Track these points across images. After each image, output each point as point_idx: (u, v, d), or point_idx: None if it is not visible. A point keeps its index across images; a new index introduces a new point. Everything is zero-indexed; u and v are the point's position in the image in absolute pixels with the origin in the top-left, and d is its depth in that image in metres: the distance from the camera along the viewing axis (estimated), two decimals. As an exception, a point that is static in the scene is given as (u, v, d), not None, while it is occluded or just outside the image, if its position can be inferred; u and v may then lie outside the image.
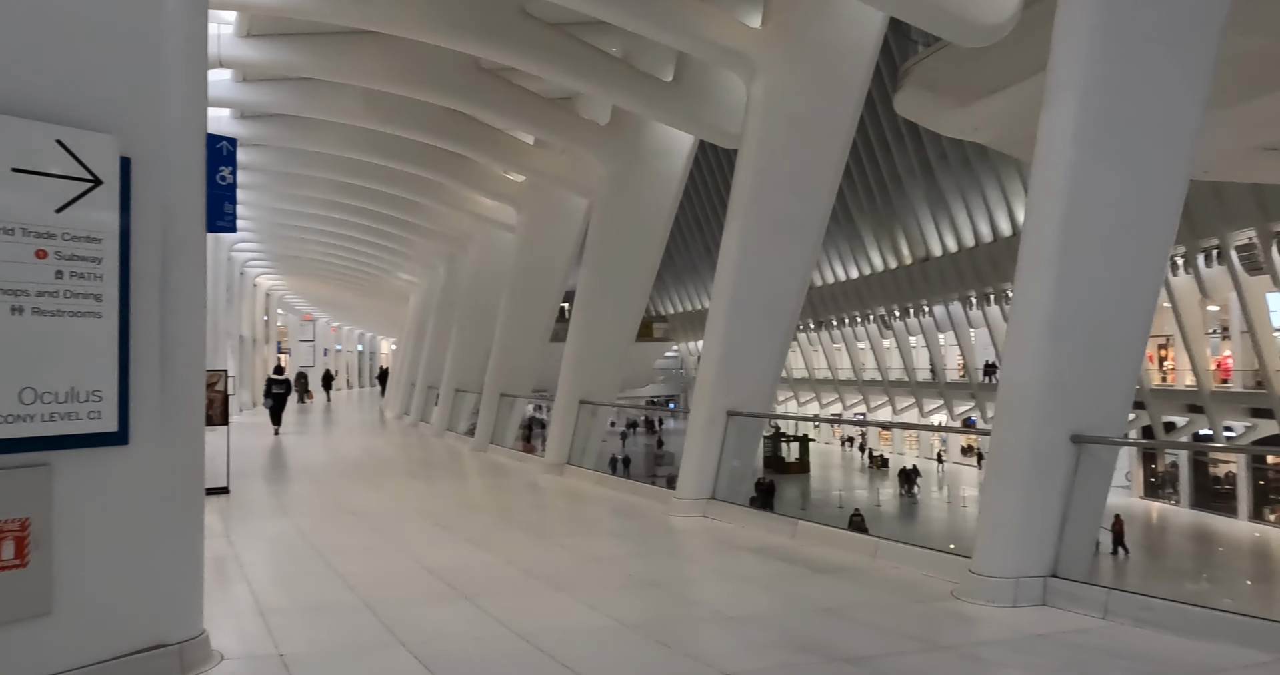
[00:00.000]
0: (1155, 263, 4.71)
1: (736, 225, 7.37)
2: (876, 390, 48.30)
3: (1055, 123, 4.65)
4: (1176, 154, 4.65)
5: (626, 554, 5.87)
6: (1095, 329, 4.50)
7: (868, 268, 44.95)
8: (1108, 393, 4.55)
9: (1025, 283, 4.61)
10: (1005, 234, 34.54)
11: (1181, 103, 4.60)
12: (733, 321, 7.30)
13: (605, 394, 11.06)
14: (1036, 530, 4.37)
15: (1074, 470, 4.38)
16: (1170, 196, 4.67)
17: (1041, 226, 4.61)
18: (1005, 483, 4.53)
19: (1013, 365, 4.58)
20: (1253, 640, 3.59)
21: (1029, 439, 4.44)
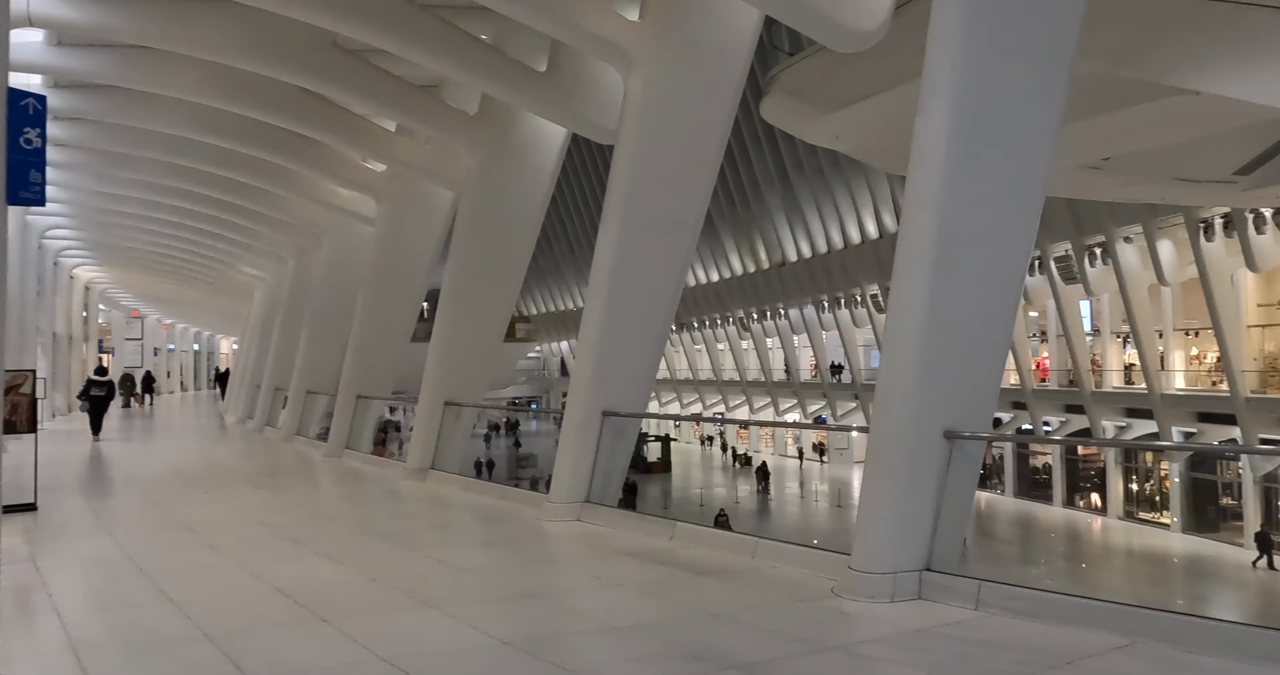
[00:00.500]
0: (1018, 266, 4.93)
1: (613, 223, 7.21)
2: (735, 390, 49.71)
3: (929, 130, 4.77)
4: (1037, 164, 4.87)
5: (500, 563, 5.56)
6: (966, 329, 4.64)
7: (728, 271, 46.19)
8: (976, 390, 4.71)
9: (902, 284, 4.70)
10: (855, 241, 36.40)
11: (1041, 116, 4.82)
12: (609, 321, 7.12)
13: (471, 395, 10.62)
14: (913, 525, 4.45)
15: (946, 465, 4.50)
16: (1031, 203, 4.89)
17: (917, 230, 4.71)
18: (883, 479, 4.59)
19: (891, 364, 4.66)
20: (1111, 624, 3.77)
21: (906, 436, 4.51)
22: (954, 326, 4.58)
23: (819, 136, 12.53)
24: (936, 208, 4.59)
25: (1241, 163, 13.03)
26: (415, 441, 9.76)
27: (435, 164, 11.36)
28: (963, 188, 4.62)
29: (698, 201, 7.51)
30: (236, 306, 33.07)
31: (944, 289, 4.53)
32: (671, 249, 7.43)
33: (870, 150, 12.40)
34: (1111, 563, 26.99)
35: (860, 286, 36.66)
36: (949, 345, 4.55)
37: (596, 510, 6.67)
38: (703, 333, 50.54)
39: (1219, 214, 22.48)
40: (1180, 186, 13.62)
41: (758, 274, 43.67)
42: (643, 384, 7.31)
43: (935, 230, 4.58)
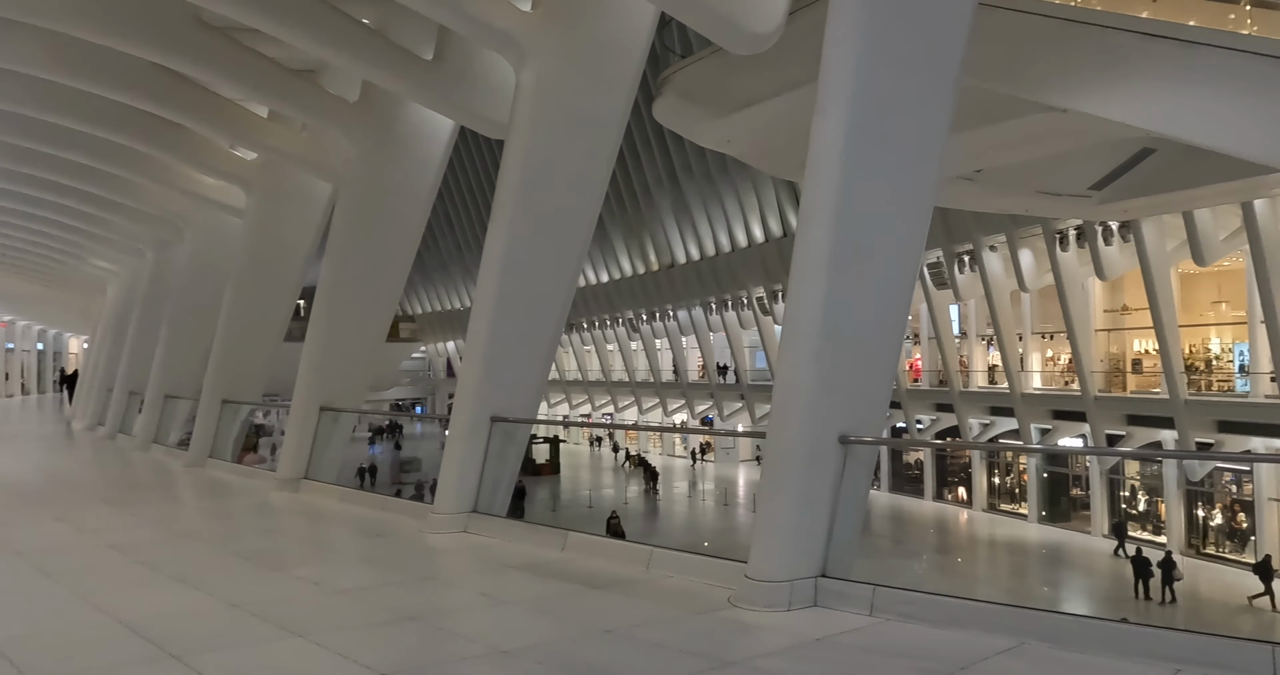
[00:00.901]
0: (910, 270, 4.99)
1: (503, 220, 6.92)
2: (624, 391, 49.85)
3: (826, 134, 4.75)
4: (928, 169, 4.95)
5: (378, 583, 5.17)
6: (861, 333, 4.65)
7: (618, 272, 46.24)
8: (870, 395, 4.73)
9: (799, 288, 4.66)
10: (742, 245, 37.15)
11: (932, 122, 4.90)
12: (498, 322, 6.82)
13: (351, 399, 10.03)
14: (809, 531, 4.41)
15: (842, 471, 4.49)
16: (923, 208, 4.96)
17: (814, 234, 4.69)
18: (780, 485, 4.54)
19: (788, 369, 4.60)
20: (1000, 626, 3.83)
21: (803, 440, 4.47)
22: (850, 331, 4.58)
23: (711, 139, 12.61)
24: (833, 211, 4.58)
25: (1096, 178, 14.01)
26: (287, 449, 9.11)
27: (311, 153, 10.68)
28: (858, 192, 4.63)
29: (591, 200, 7.33)
30: (87, 303, 30.43)
31: (840, 293, 4.53)
32: (564, 248, 7.21)
33: (761, 155, 12.58)
34: (977, 553, 28.60)
35: (747, 289, 37.46)
36: (845, 349, 4.55)
37: (484, 521, 6.36)
38: (592, 334, 50.41)
39: (1073, 226, 24.19)
40: (1042, 199, 14.50)
41: (647, 275, 43.93)
42: (534, 388, 7.06)
43: (832, 234, 4.57)
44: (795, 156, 12.58)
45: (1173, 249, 22.46)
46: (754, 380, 40.72)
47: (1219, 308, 26.55)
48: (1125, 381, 27.36)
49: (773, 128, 11.07)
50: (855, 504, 4.54)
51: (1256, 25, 6.10)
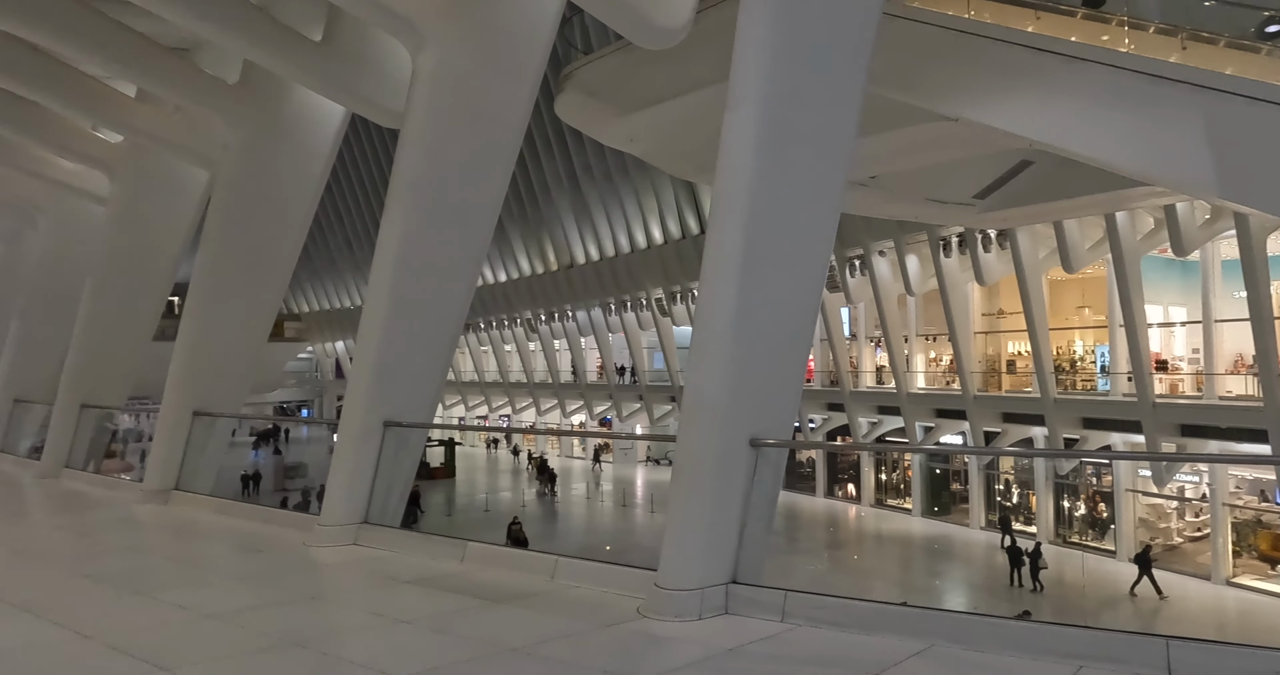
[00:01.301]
0: (819, 271, 4.97)
1: (398, 213, 6.54)
2: (522, 392, 49.19)
3: (738, 132, 4.67)
4: (838, 169, 4.95)
5: (258, 605, 4.74)
6: (771, 333, 4.59)
7: (516, 272, 45.58)
8: (780, 396, 4.67)
9: (711, 288, 4.55)
10: (641, 246, 37.27)
11: (842, 122, 4.90)
12: (392, 322, 6.44)
13: (228, 403, 9.33)
14: (720, 536, 4.31)
15: (753, 474, 4.41)
16: (832, 208, 4.96)
17: (725, 231, 4.59)
18: (691, 490, 4.41)
19: (699, 371, 4.49)
20: (909, 629, 3.82)
21: (714, 444, 4.37)
22: (760, 331, 4.51)
23: (614, 137, 12.47)
24: (746, 208, 4.50)
25: (979, 188, 14.68)
26: (155, 457, 8.36)
27: (185, 137, 9.89)
28: (771, 189, 4.57)
29: (491, 195, 7.05)
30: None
31: (752, 293, 4.45)
32: (463, 245, 6.89)
33: (664, 155, 12.54)
34: (866, 548, 29.62)
35: (646, 290, 37.60)
36: (756, 350, 4.47)
37: (376, 532, 5.98)
38: (489, 334, 49.52)
39: (955, 234, 25.40)
40: (930, 206, 15.08)
41: (546, 275, 43.48)
42: (430, 391, 6.71)
43: (744, 232, 4.48)
44: (699, 157, 12.63)
45: (1044, 257, 23.88)
46: (652, 381, 40.94)
47: (1082, 312, 28.47)
48: (1000, 381, 28.94)
49: (677, 127, 11.04)
50: (765, 508, 4.46)
51: (1134, 44, 6.46)
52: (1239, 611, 20.64)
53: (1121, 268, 20.79)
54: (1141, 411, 21.50)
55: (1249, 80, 5.78)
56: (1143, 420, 21.53)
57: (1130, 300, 20.91)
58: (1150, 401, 21.31)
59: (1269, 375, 18.72)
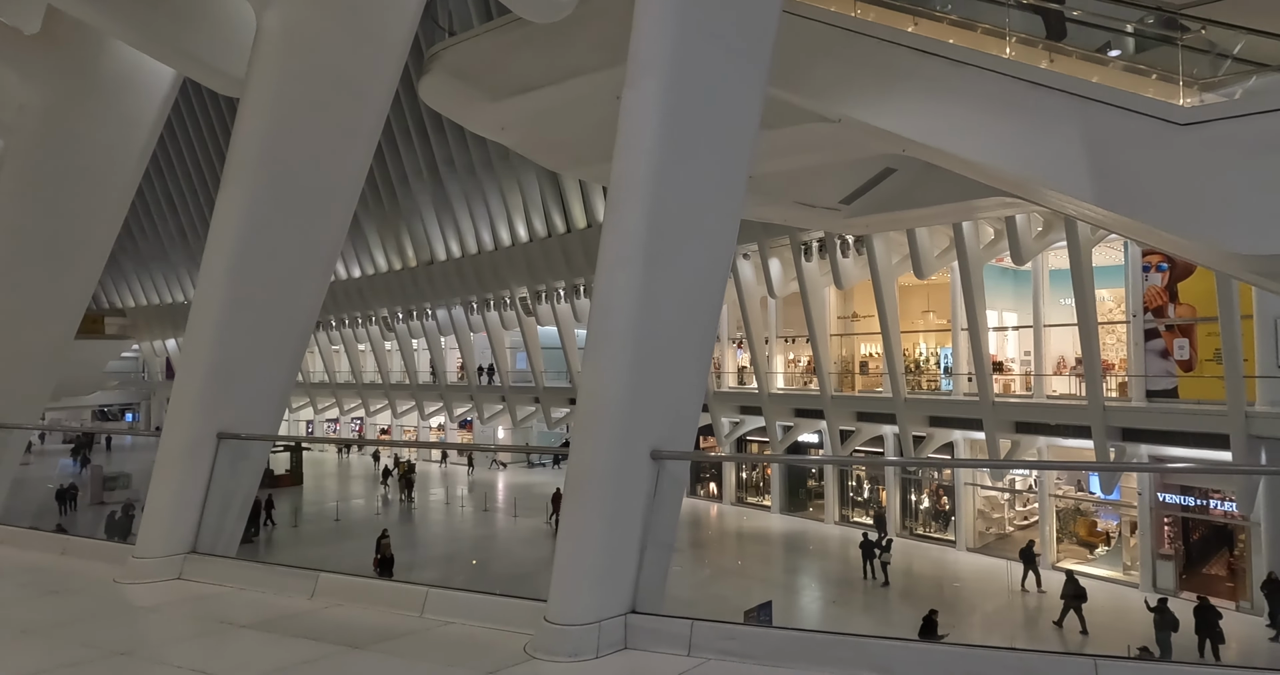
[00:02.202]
0: (723, 267, 4.60)
1: (236, 195, 5.66)
2: (377, 394, 46.89)
3: (639, 109, 4.23)
4: (742, 158, 4.60)
5: (49, 668, 3.81)
6: (675, 334, 4.18)
7: (371, 267, 43.35)
8: (684, 402, 4.27)
9: (609, 283, 4.08)
10: (506, 243, 36.29)
11: (747, 105, 4.56)
12: (229, 319, 5.55)
13: (26, 410, 7.96)
14: (618, 561, 3.85)
15: (654, 490, 3.97)
16: (736, 200, 4.60)
17: (626, 221, 4.13)
18: (586, 509, 3.92)
19: (596, 376, 4.01)
20: (827, 658, 3.50)
21: (612, 456, 3.90)
22: (665, 330, 4.08)
23: (483, 125, 11.76)
24: (649, 196, 4.06)
25: (846, 193, 15.00)
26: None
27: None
28: (675, 176, 4.15)
29: (349, 178, 6.27)
30: None
31: (655, 288, 4.01)
32: (315, 234, 6.07)
33: (537, 146, 11.95)
34: (725, 544, 30.07)
35: (510, 289, 36.65)
36: (658, 353, 4.04)
37: (208, 563, 5.10)
38: (341, 333, 46.86)
39: (816, 238, 26.21)
40: (799, 209, 15.29)
41: (404, 272, 41.57)
42: (275, 398, 5.85)
43: (647, 221, 4.04)
44: (575, 150, 12.13)
45: (896, 263, 25.01)
46: (515, 382, 40.00)
47: (927, 316, 30.16)
48: (854, 382, 30.17)
49: (552, 116, 10.49)
50: (667, 527, 4.04)
51: (1014, 51, 6.58)
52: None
53: (966, 274, 22.03)
54: (982, 410, 22.88)
55: (1121, 91, 5.98)
56: (983, 418, 22.92)
57: (974, 305, 22.20)
58: (990, 401, 22.71)
59: (1094, 376, 20.34)
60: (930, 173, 15.38)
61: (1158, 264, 21.95)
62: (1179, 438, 20.41)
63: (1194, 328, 21.16)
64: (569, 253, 33.46)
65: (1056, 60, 6.38)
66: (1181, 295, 21.50)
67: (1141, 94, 5.81)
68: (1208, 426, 19.23)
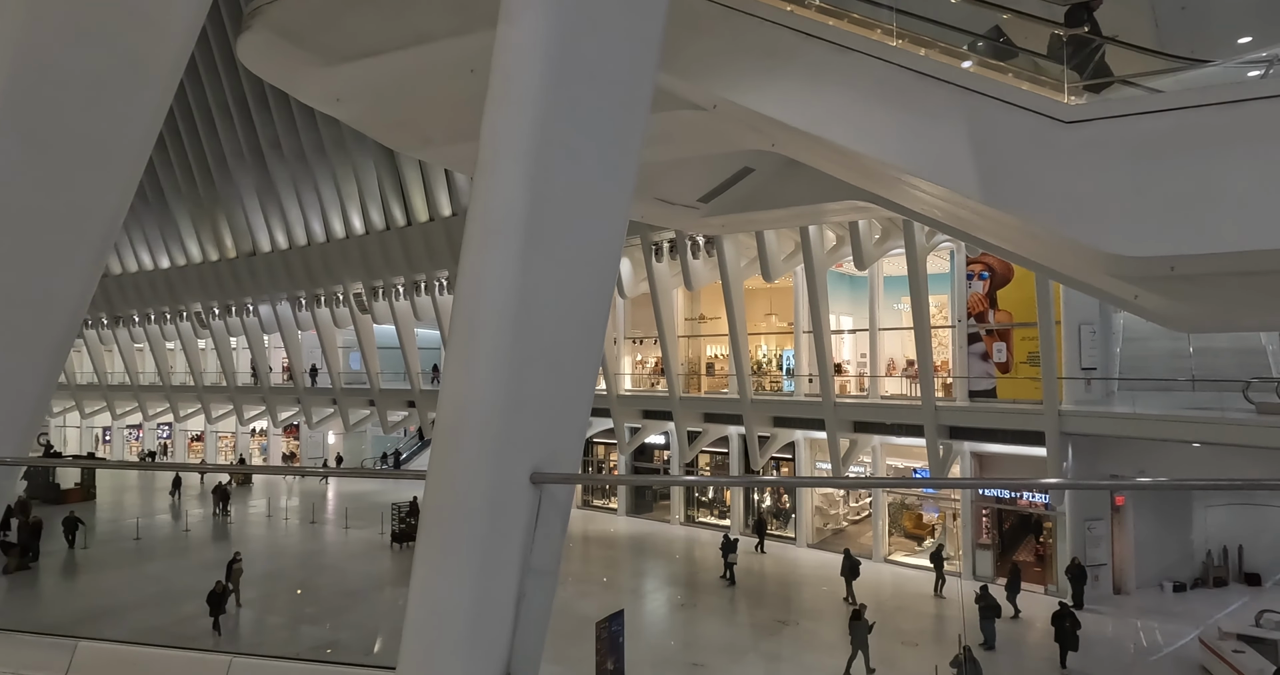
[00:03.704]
0: (614, 253, 3.87)
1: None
2: (188, 396, 42.54)
3: (515, 48, 3.43)
4: (637, 119, 3.90)
5: None
6: (557, 332, 3.40)
7: (183, 258, 39.25)
8: (568, 415, 3.49)
9: (479, 273, 3.24)
10: (339, 235, 33.85)
11: (642, 59, 3.87)
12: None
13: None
14: (491, 615, 3.03)
15: (535, 520, 3.19)
16: (629, 170, 3.89)
17: (500, 193, 3.31)
18: (450, 548, 3.06)
19: (461, 384, 3.16)
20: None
21: (483, 480, 3.07)
22: (546, 326, 3.31)
23: (314, 95, 10.39)
24: (528, 160, 3.27)
25: (705, 191, 14.72)
26: None
27: None
28: (560, 134, 3.38)
29: (138, 130, 5.00)
30: None
31: (534, 279, 3.23)
32: (86, 198, 4.79)
33: (378, 122, 10.70)
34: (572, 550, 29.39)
35: (344, 284, 34.21)
36: (539, 356, 3.26)
37: (-85, 631, 3.77)
38: (146, 329, 42.14)
39: (667, 239, 26.08)
40: (659, 206, 14.85)
41: (222, 263, 37.91)
42: (22, 408, 4.52)
43: (526, 193, 3.24)
44: (421, 128, 11.00)
45: (745, 265, 25.32)
46: (348, 383, 37.44)
47: (770, 319, 30.91)
48: (700, 383, 30.39)
49: (396, 88, 9.37)
50: (549, 568, 3.26)
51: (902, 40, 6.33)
52: (895, 584, 23.34)
53: (812, 278, 22.56)
54: (825, 410, 23.53)
55: (1009, 85, 5.84)
56: (825, 418, 23.58)
57: (818, 308, 22.77)
58: (832, 401, 23.39)
59: (927, 377, 21.36)
60: (785, 174, 15.40)
61: (980, 272, 23.45)
62: (999, 435, 21.84)
63: (1011, 332, 22.72)
64: (409, 246, 31.61)
65: (934, 53, 6.19)
66: (1000, 302, 23.05)
67: (1027, 90, 5.69)
68: (1024, 424, 20.66)
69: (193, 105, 34.90)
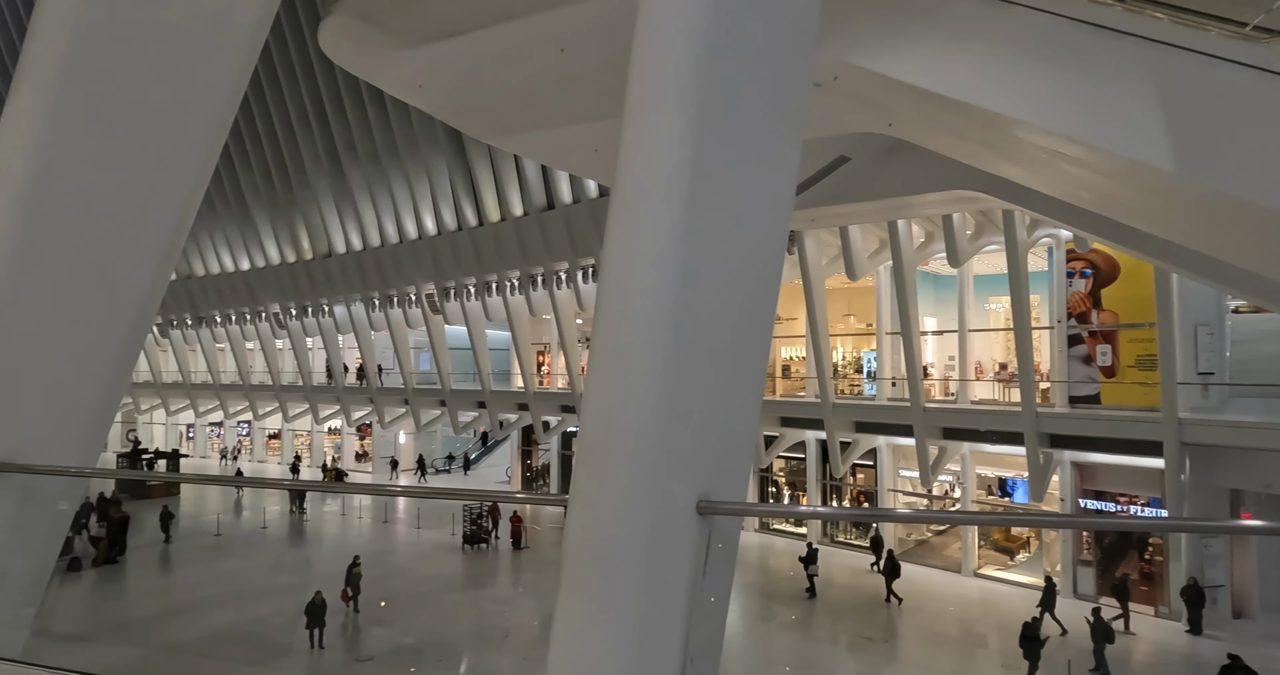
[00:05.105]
0: (778, 241, 3.08)
1: (29, 108, 3.85)
2: (266, 395, 43.43)
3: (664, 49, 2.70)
4: (798, 93, 3.14)
5: None
6: (723, 335, 2.67)
7: (261, 260, 40.04)
8: (735, 432, 2.76)
9: (629, 256, 2.53)
10: (411, 236, 33.96)
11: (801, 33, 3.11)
12: (11, 300, 3.74)
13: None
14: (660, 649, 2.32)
15: (704, 557, 2.47)
16: (794, 155, 3.12)
17: (653, 180, 2.59)
18: (603, 599, 2.36)
19: (611, 397, 2.46)
20: None
21: (641, 513, 2.37)
22: (711, 319, 2.59)
23: (395, 81, 9.93)
24: (688, 146, 2.52)
25: (800, 180, 13.87)
26: None
27: None
28: (720, 119, 2.64)
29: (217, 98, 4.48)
30: None
31: (698, 275, 2.51)
32: (161, 178, 4.29)
33: (460, 108, 10.19)
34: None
35: (416, 285, 34.31)
36: (702, 362, 2.54)
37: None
38: (227, 329, 43.19)
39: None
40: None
41: (299, 265, 38.51)
42: (89, 410, 4.00)
43: (689, 172, 2.51)
44: (502, 114, 10.48)
45: (827, 263, 24.28)
46: (420, 384, 37.60)
47: (848, 320, 29.74)
48: (776, 386, 29.42)
49: (478, 72, 8.82)
50: (718, 620, 2.54)
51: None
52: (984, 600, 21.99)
53: (901, 276, 21.42)
54: (913, 415, 22.34)
55: (1208, 35, 4.91)
56: (914, 424, 22.38)
57: (907, 308, 21.61)
58: (921, 406, 22.19)
59: (1027, 381, 20.01)
60: (880, 164, 14.42)
61: (1081, 270, 21.94)
62: (1105, 444, 20.34)
63: (1117, 334, 21.17)
64: (480, 247, 31.46)
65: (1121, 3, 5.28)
66: (1105, 301, 21.52)
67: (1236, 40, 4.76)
68: (1136, 433, 19.15)
69: (272, 110, 35.51)
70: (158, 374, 48.10)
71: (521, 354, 32.83)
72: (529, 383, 32.46)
